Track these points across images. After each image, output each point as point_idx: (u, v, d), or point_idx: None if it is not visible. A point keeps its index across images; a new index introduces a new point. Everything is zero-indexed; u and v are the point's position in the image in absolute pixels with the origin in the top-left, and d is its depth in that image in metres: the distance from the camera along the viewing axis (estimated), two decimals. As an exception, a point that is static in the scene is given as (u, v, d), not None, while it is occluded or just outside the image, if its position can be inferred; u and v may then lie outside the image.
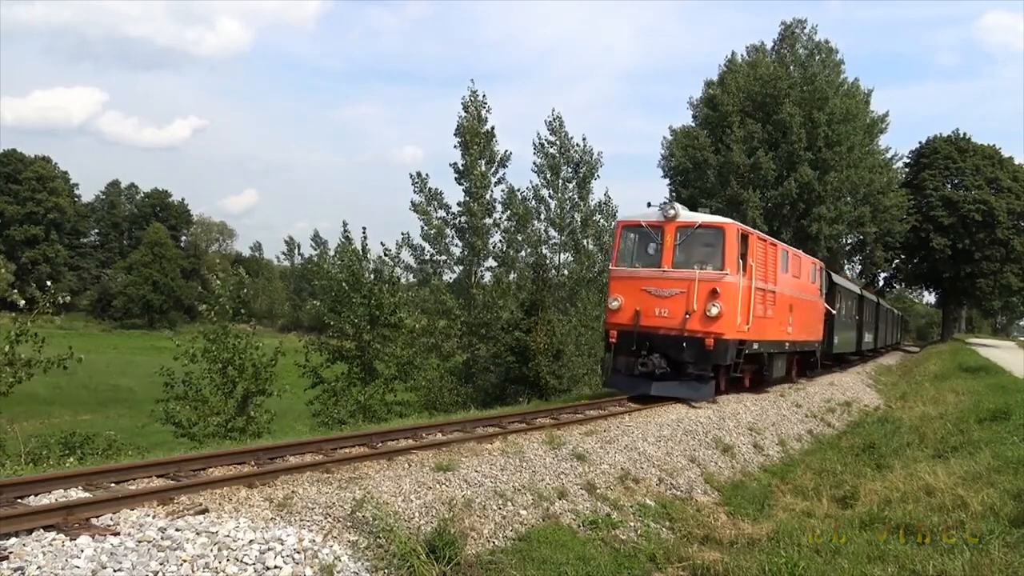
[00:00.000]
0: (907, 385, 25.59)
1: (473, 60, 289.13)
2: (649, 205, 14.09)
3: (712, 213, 16.25)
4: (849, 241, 47.02)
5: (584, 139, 26.05)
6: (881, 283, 60.64)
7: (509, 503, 7.32)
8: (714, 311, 12.86)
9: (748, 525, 8.34)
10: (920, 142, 57.84)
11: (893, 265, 58.38)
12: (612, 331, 13.73)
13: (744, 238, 13.94)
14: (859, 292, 29.62)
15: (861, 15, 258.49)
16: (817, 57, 40.60)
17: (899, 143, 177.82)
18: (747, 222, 27.31)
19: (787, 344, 17.16)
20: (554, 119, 28.80)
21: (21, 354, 11.49)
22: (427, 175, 25.09)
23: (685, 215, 13.65)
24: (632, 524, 7.98)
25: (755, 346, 14.59)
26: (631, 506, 8.40)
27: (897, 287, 68.29)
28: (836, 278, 24.31)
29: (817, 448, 14.09)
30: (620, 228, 14.60)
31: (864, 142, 39.95)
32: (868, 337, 31.90)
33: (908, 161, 56.12)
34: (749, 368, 15.45)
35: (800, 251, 19.96)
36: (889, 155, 45.14)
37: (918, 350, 53.45)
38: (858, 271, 52.17)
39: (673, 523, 8.36)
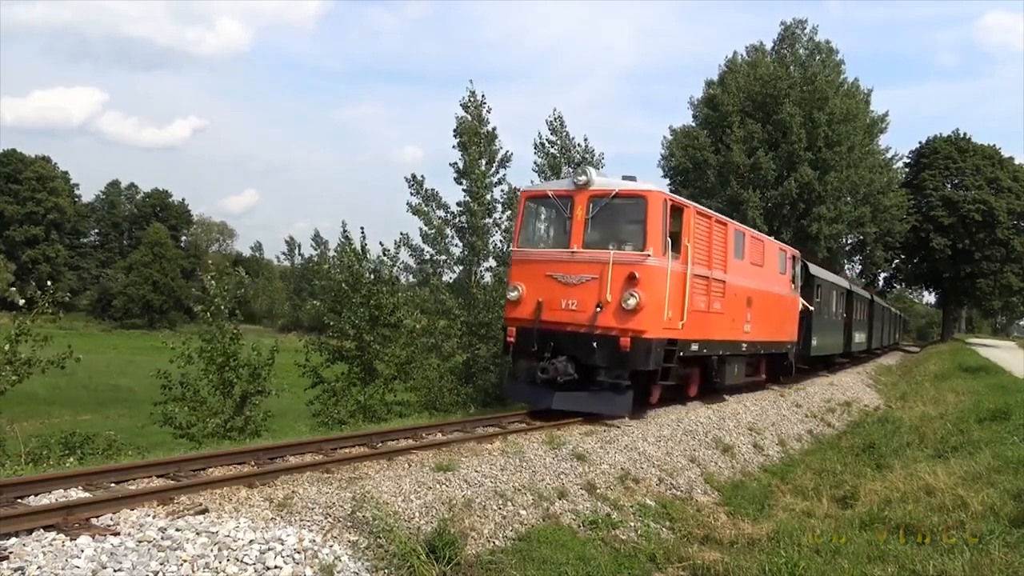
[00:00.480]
0: (907, 385, 25.60)
1: (473, 60, 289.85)
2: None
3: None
4: (849, 241, 47.07)
5: (585, 139, 25.86)
6: (881, 283, 60.73)
7: (509, 503, 7.31)
8: (631, 302, 10.36)
9: (748, 525, 8.34)
10: (920, 142, 58.06)
11: (893, 265, 58.48)
12: (511, 328, 11.40)
13: (676, 212, 11.43)
14: (847, 287, 27.07)
15: (861, 15, 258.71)
16: (817, 57, 40.64)
17: (899, 143, 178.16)
18: (747, 222, 27.24)
19: (744, 345, 14.58)
20: (555, 119, 28.75)
21: (21, 353, 11.48)
22: (423, 177, 25.01)
23: (600, 182, 11.14)
24: (632, 524, 7.97)
25: (694, 347, 12.09)
26: (631, 506, 8.40)
27: (897, 287, 68.37)
28: (816, 270, 21.70)
29: (817, 448, 14.10)
30: (523, 200, 12.04)
31: (864, 142, 39.99)
32: (859, 337, 29.47)
33: (908, 161, 56.25)
34: (694, 373, 13.40)
35: (766, 236, 17.24)
36: (889, 155, 45.26)
37: (918, 350, 53.46)
38: (858, 271, 52.27)
39: (673, 523, 8.35)
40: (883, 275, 60.10)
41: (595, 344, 10.59)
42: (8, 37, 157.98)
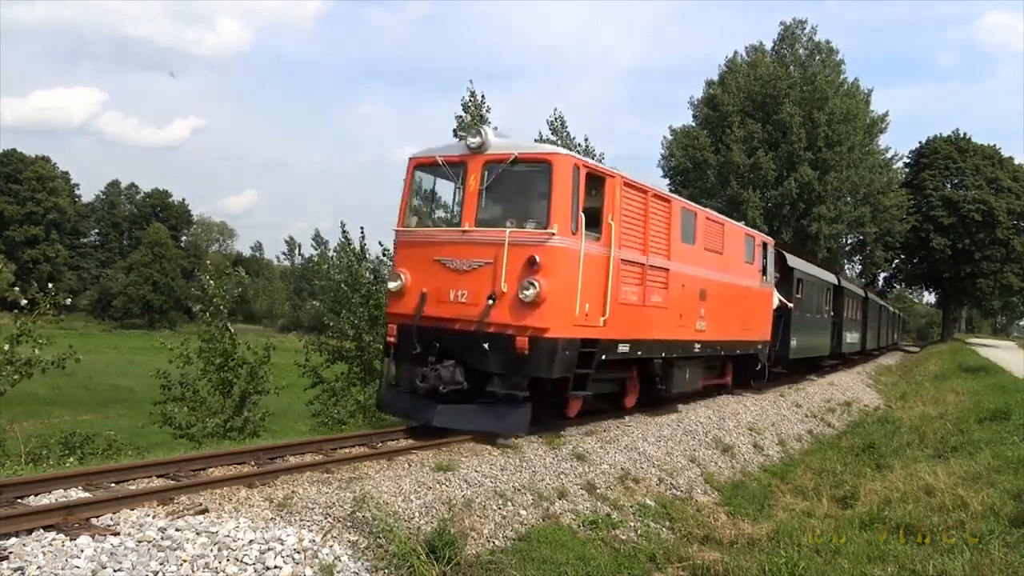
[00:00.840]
0: (907, 385, 25.63)
1: (473, 60, 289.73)
2: (455, 132, 9.13)
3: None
4: (849, 241, 47.14)
5: (586, 139, 25.85)
6: (881, 283, 60.80)
7: (509, 503, 7.31)
8: (530, 293, 8.38)
9: (748, 525, 8.34)
10: (920, 142, 58.17)
11: (893, 265, 58.54)
12: (391, 325, 9.48)
13: (596, 181, 9.40)
14: (837, 282, 24.91)
15: (861, 15, 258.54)
16: (817, 57, 40.74)
17: (899, 143, 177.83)
18: (747, 222, 27.21)
19: (697, 345, 12.44)
20: (556, 119, 28.71)
21: (21, 354, 11.49)
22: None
23: (498, 144, 9.13)
24: (632, 524, 7.97)
25: (622, 348, 10.01)
26: (631, 506, 8.40)
27: (897, 287, 68.45)
28: (795, 261, 19.33)
29: (817, 448, 14.11)
30: (411, 168, 9.95)
31: (864, 142, 40.08)
32: (852, 337, 27.61)
33: (908, 161, 56.34)
34: (631, 380, 11.23)
35: (727, 218, 14.66)
36: (889, 155, 45.33)
37: (918, 350, 53.49)
38: (858, 271, 52.34)
39: (673, 523, 8.36)
40: (883, 275, 60.21)
41: (486, 345, 8.63)
42: (8, 37, 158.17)
